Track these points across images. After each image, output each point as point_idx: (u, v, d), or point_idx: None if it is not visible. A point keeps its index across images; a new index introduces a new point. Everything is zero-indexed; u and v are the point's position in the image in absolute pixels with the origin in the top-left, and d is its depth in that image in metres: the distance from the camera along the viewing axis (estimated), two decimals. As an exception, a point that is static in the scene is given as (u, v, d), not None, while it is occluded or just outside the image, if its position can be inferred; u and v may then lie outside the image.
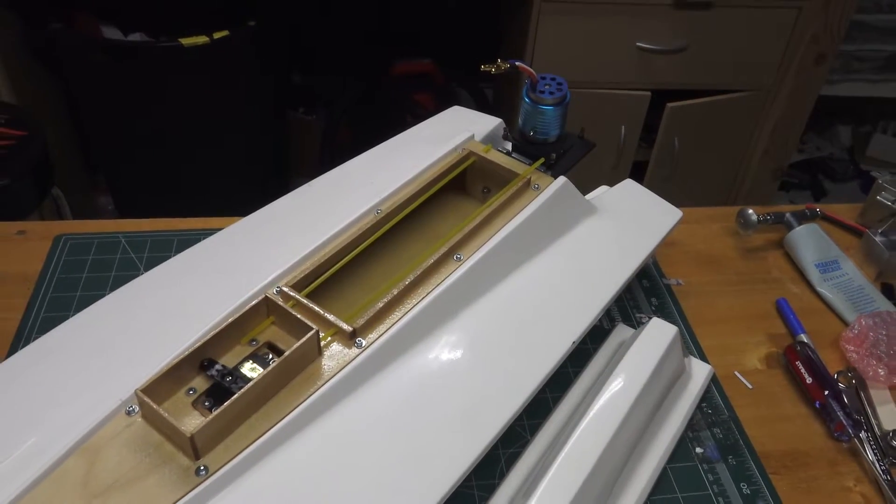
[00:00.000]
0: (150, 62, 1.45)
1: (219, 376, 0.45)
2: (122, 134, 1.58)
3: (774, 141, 1.72)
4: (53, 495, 0.40)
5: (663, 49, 1.53)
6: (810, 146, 2.25)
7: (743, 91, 1.62)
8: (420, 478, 0.45)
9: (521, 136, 0.66)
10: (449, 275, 0.54)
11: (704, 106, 1.61)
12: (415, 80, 1.87)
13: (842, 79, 1.89)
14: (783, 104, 1.65)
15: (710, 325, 0.67)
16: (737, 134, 1.70)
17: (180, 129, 1.57)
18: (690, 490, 0.54)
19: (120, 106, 1.51)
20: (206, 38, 1.43)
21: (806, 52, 1.57)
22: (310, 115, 1.97)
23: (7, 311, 0.63)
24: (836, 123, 2.29)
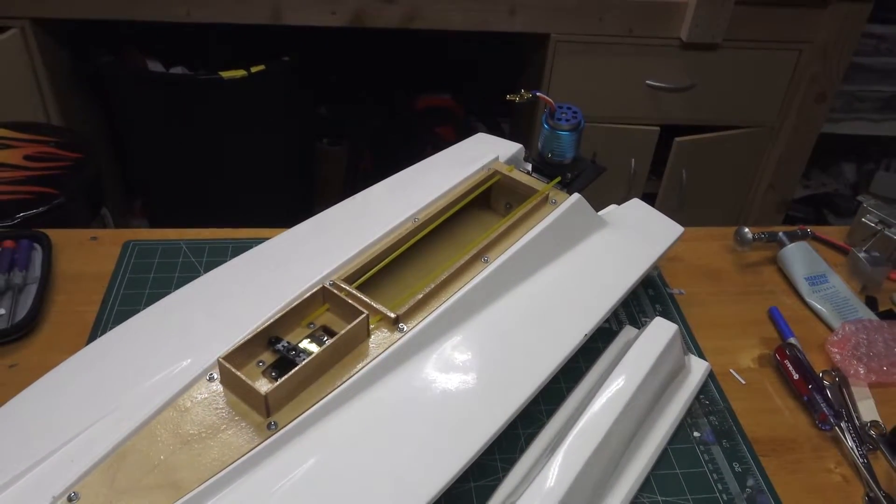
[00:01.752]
0: (192, 93, 1.55)
1: (284, 350, 0.54)
2: (161, 160, 1.68)
3: (778, 176, 1.81)
4: (152, 440, 0.48)
5: (671, 87, 1.62)
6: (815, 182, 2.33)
7: (747, 127, 1.71)
8: (452, 442, 0.52)
9: (540, 159, 0.75)
10: (478, 274, 0.62)
11: (711, 141, 1.70)
12: (436, 114, 1.97)
13: (844, 117, 1.97)
14: (786, 140, 1.74)
15: (709, 330, 0.75)
16: (742, 168, 1.79)
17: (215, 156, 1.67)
18: (688, 467, 0.61)
19: (161, 134, 1.62)
20: (244, 72, 1.54)
21: (807, 91, 1.66)
22: (334, 145, 2.07)
23: (86, 304, 0.72)
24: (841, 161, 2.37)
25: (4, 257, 0.74)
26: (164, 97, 1.56)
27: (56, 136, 1.29)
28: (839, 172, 2.38)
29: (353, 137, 2.07)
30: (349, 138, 2.07)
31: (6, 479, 0.46)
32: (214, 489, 0.46)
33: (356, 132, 2.06)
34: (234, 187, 1.73)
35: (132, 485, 0.46)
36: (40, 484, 0.46)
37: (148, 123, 1.61)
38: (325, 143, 2.08)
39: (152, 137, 1.64)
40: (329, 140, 2.09)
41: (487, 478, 0.59)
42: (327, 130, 2.07)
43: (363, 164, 2.05)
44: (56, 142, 1.27)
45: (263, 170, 1.75)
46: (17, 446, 0.49)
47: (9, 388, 0.61)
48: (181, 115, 1.58)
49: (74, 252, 0.78)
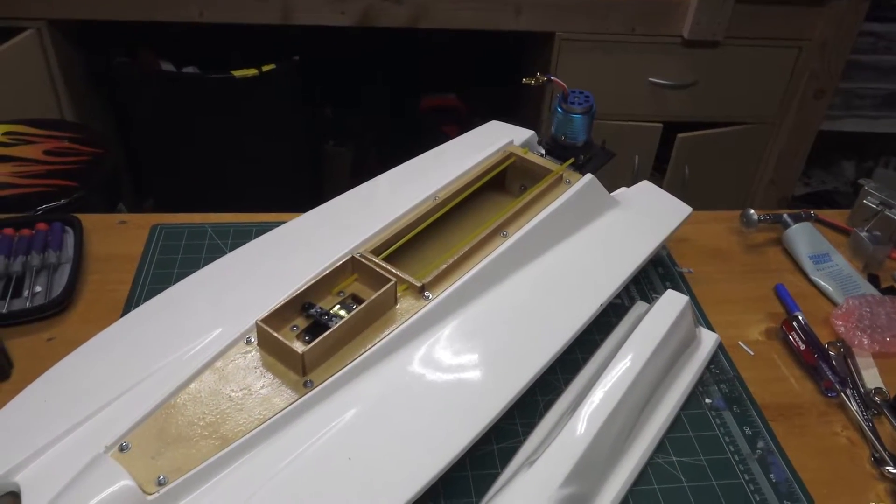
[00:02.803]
0: (204, 93, 1.59)
1: (317, 315, 0.56)
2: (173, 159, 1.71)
3: (779, 171, 1.84)
4: (194, 398, 0.51)
5: (674, 84, 1.65)
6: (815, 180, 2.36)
7: (748, 124, 1.75)
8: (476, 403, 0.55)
9: (553, 142, 0.78)
10: (497, 247, 0.65)
11: (713, 137, 1.73)
12: (441, 114, 2.00)
13: (844, 115, 2.01)
14: (786, 136, 1.77)
15: (717, 305, 0.78)
16: (743, 164, 1.82)
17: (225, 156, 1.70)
18: (701, 431, 0.64)
19: (173, 133, 1.65)
20: (255, 71, 1.57)
21: (806, 87, 1.69)
22: (340, 146, 2.10)
23: (117, 283, 0.75)
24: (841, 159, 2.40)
25: (38, 239, 0.76)
26: (177, 97, 1.59)
27: (74, 133, 1.32)
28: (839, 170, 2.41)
29: (359, 138, 2.10)
30: (354, 139, 2.10)
31: (59, 431, 0.49)
32: (257, 441, 0.49)
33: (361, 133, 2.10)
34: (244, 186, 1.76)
35: (178, 437, 0.48)
36: (92, 436, 0.49)
37: (160, 123, 1.64)
38: (330, 145, 2.12)
39: (164, 137, 1.67)
40: (335, 141, 2.12)
41: (509, 440, 0.62)
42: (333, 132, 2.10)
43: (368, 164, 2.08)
44: (74, 137, 1.30)
45: (272, 170, 1.78)
46: (67, 404, 0.51)
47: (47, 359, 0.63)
48: (193, 114, 1.61)
49: (104, 235, 0.81)
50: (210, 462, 0.47)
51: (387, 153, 2.13)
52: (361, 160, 2.09)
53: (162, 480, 0.46)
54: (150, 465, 0.46)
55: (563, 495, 0.52)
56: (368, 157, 2.09)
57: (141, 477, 0.45)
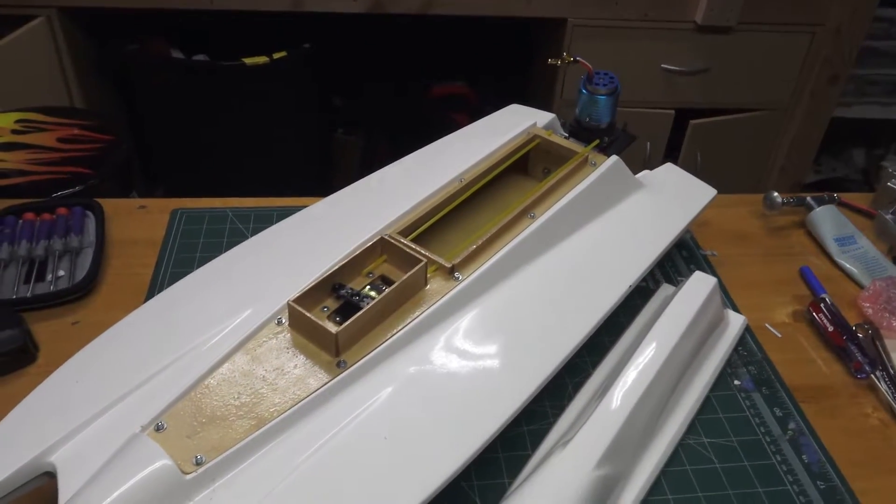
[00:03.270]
0: (215, 80, 1.58)
1: (348, 295, 0.56)
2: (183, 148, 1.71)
3: (791, 158, 1.83)
4: (227, 379, 0.50)
5: (686, 70, 1.64)
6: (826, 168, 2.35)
7: (761, 110, 1.74)
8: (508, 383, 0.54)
9: (577, 124, 0.78)
10: (525, 228, 0.64)
11: (725, 123, 1.72)
12: (451, 102, 1.99)
13: (856, 101, 2.00)
14: (799, 122, 1.76)
15: (742, 289, 0.77)
16: (756, 151, 1.81)
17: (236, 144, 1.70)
18: (731, 412, 0.64)
19: (183, 121, 1.65)
20: (266, 59, 1.56)
21: (820, 73, 1.68)
22: (350, 135, 2.10)
23: (141, 267, 0.74)
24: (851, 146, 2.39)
25: (59, 223, 0.76)
26: (188, 84, 1.59)
27: (86, 120, 1.31)
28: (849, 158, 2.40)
29: (368, 127, 2.09)
30: (364, 128, 2.10)
31: (93, 412, 0.49)
32: (292, 420, 0.48)
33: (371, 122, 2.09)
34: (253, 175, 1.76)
35: (213, 417, 0.48)
36: (126, 416, 0.48)
37: (171, 111, 1.64)
38: (340, 133, 2.11)
39: (175, 125, 1.66)
40: (344, 130, 2.12)
41: (539, 422, 0.61)
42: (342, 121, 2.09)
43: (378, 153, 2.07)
44: (87, 125, 1.29)
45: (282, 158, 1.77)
46: (99, 385, 0.51)
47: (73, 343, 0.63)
48: (204, 102, 1.61)
49: (125, 220, 0.80)
50: (247, 442, 0.47)
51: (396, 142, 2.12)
52: (371, 149, 2.08)
53: (199, 460, 0.45)
54: (186, 444, 0.46)
55: (598, 475, 0.52)
56: (378, 146, 2.08)
57: (178, 456, 0.45)
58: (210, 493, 0.45)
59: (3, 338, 0.63)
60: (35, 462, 0.47)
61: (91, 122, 1.31)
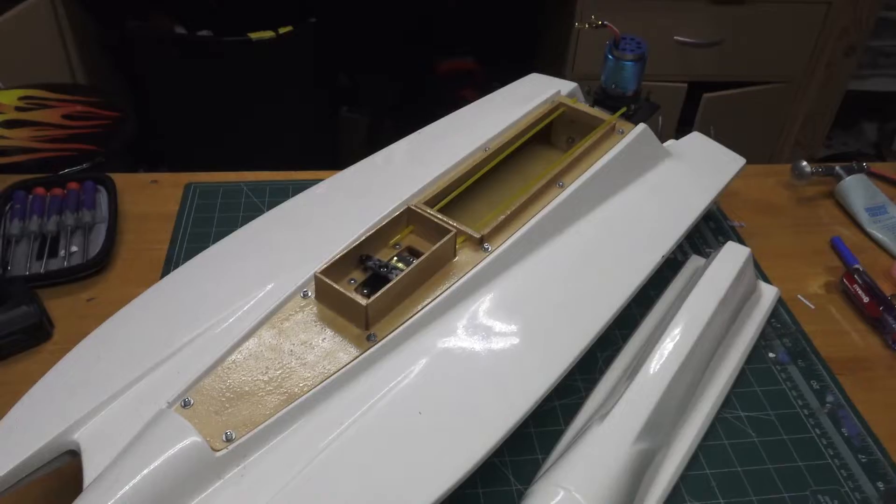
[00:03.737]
0: (221, 56, 1.55)
1: (376, 267, 0.54)
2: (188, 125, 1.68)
3: (805, 132, 1.80)
4: (254, 354, 0.49)
5: (700, 42, 1.61)
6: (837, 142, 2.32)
7: (775, 83, 1.71)
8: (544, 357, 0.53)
9: (602, 91, 0.75)
10: (554, 198, 0.62)
11: (739, 97, 1.69)
12: (459, 78, 1.96)
13: (870, 74, 1.96)
14: (814, 95, 1.73)
15: (772, 260, 0.75)
16: (770, 124, 1.78)
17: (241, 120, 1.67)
18: (767, 385, 0.62)
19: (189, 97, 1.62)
20: (272, 33, 1.53)
21: (836, 44, 1.65)
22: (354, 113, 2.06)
23: (155, 242, 0.72)
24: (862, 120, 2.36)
25: (71, 198, 0.74)
26: (193, 60, 1.55)
27: (91, 97, 1.29)
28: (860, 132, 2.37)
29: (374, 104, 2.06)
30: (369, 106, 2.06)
31: (116, 388, 0.47)
32: (323, 396, 0.47)
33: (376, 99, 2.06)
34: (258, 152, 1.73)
35: (242, 393, 0.46)
36: (150, 393, 0.47)
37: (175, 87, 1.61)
38: (345, 111, 2.08)
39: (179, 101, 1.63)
40: (349, 108, 2.09)
41: (570, 397, 0.60)
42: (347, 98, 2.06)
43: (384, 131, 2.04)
44: (92, 101, 1.27)
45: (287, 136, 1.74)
46: (121, 361, 0.49)
47: (89, 320, 0.62)
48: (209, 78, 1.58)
49: (137, 194, 0.78)
50: (277, 418, 0.45)
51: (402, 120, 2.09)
52: (377, 127, 2.05)
53: (229, 436, 0.44)
54: (215, 421, 0.44)
55: (638, 450, 0.50)
56: (384, 124, 2.05)
57: (207, 433, 0.43)
58: (241, 470, 0.43)
59: (17, 314, 0.61)
60: (58, 440, 0.45)
61: (96, 99, 1.29)
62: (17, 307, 0.61)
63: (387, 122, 2.05)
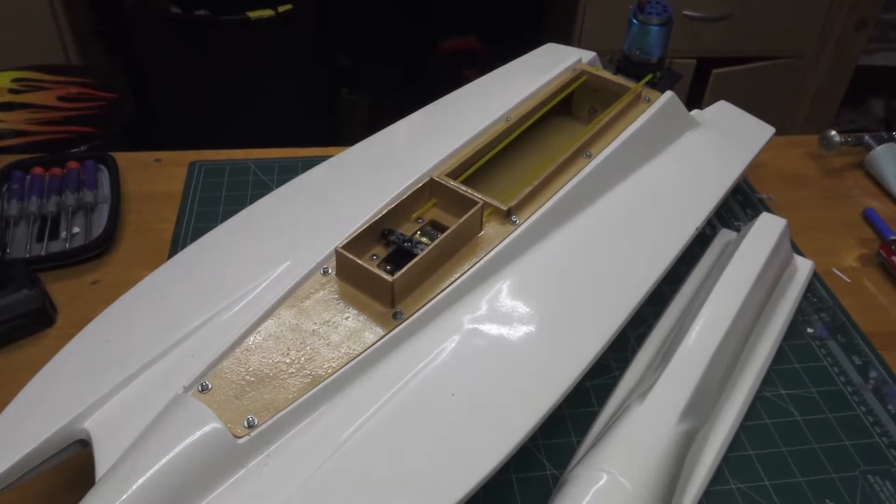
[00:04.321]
0: (219, 35, 1.51)
1: (399, 241, 0.51)
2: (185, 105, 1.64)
3: (815, 108, 1.77)
4: (274, 335, 0.45)
5: (708, 17, 1.57)
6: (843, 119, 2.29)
7: (785, 58, 1.67)
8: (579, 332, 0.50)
9: (625, 59, 0.72)
10: (582, 168, 0.59)
11: (748, 72, 1.65)
12: (461, 57, 1.92)
13: (880, 48, 1.93)
14: (824, 70, 1.70)
15: (804, 233, 0.72)
16: (779, 100, 1.75)
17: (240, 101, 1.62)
18: (807, 362, 0.59)
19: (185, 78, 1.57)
20: (271, 11, 1.49)
21: (847, 17, 1.61)
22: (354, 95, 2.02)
23: (160, 222, 0.69)
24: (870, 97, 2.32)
25: (71, 178, 0.71)
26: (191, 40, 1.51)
27: (87, 78, 1.25)
28: (868, 109, 2.34)
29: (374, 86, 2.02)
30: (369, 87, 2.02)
31: (127, 373, 0.44)
32: (349, 377, 0.44)
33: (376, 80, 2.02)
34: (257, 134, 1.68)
35: (263, 376, 0.43)
36: (164, 377, 0.44)
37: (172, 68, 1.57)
38: (345, 93, 2.04)
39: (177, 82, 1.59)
40: (348, 89, 2.05)
41: (603, 376, 0.57)
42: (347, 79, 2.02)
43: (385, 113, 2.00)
44: (88, 83, 1.23)
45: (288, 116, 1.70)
46: (131, 344, 0.46)
47: (94, 304, 0.59)
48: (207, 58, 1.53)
49: (140, 173, 0.75)
50: (301, 401, 0.42)
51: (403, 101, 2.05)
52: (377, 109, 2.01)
53: (251, 422, 0.41)
54: (235, 405, 0.41)
55: (682, 431, 0.48)
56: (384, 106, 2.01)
57: (228, 418, 0.40)
58: (264, 458, 0.41)
59: (19, 298, 0.57)
60: (67, 429, 0.42)
61: (92, 80, 1.25)
62: (18, 291, 0.58)
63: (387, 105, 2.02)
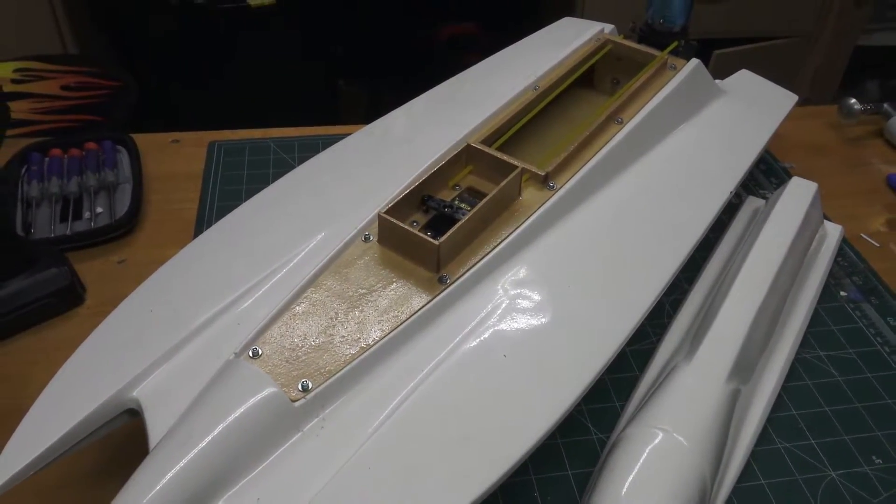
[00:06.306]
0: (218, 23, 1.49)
1: (440, 207, 0.50)
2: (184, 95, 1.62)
3: (815, 88, 1.77)
4: (319, 303, 0.45)
5: (709, -3, 1.57)
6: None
7: (786, 37, 1.67)
8: (622, 295, 0.49)
9: (648, 27, 0.72)
10: (615, 134, 0.58)
11: (750, 52, 1.66)
12: (461, 43, 1.91)
13: (876, 28, 1.94)
14: (824, 49, 1.70)
15: (829, 200, 0.71)
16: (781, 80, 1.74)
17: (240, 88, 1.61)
18: (843, 324, 0.59)
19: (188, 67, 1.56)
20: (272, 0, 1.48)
21: (846, -5, 1.62)
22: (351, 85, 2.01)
23: (183, 202, 0.68)
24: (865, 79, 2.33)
25: (90, 158, 0.70)
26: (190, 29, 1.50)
27: (89, 67, 1.24)
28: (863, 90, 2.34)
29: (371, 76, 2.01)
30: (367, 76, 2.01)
31: (174, 342, 0.43)
32: (398, 342, 0.43)
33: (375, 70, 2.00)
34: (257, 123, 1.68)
35: (312, 342, 0.43)
36: (212, 345, 0.43)
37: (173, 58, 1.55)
38: (342, 84, 2.02)
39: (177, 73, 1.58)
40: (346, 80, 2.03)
41: (641, 342, 0.57)
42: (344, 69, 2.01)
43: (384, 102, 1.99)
44: (91, 71, 1.22)
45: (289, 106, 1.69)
46: (176, 314, 0.45)
47: (121, 282, 0.58)
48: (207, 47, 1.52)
49: (158, 155, 0.74)
50: (354, 366, 0.41)
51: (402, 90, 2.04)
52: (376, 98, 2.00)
53: (306, 385, 0.40)
54: (287, 370, 0.41)
55: (730, 389, 0.47)
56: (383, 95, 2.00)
57: (282, 382, 0.40)
58: (320, 421, 0.40)
59: (47, 277, 0.57)
60: (117, 398, 0.41)
61: (94, 69, 1.24)
62: (45, 269, 0.57)
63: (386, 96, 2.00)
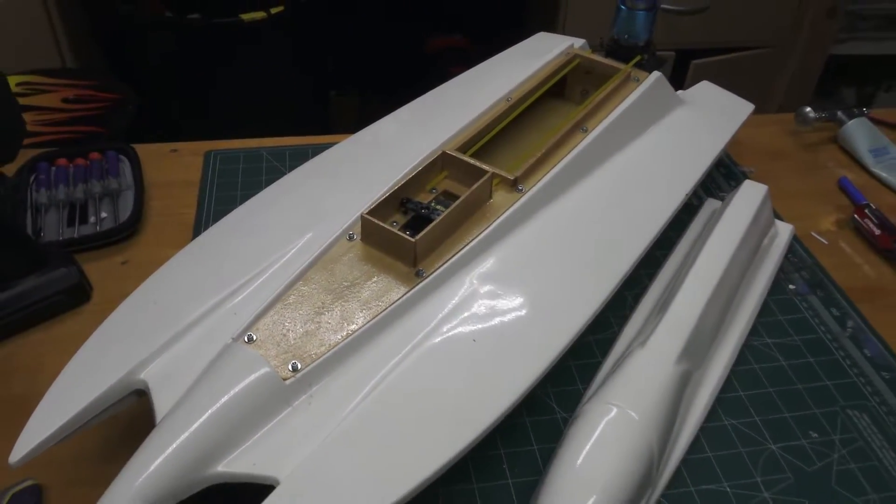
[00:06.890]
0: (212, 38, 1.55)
1: (417, 209, 0.56)
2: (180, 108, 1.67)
3: (789, 97, 1.84)
4: (305, 295, 0.50)
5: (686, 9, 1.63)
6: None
7: (762, 48, 1.74)
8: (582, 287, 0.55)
9: (614, 43, 0.77)
10: (580, 142, 0.64)
11: (727, 62, 1.72)
12: (448, 55, 1.97)
13: (847, 37, 2.00)
14: (798, 59, 1.76)
15: (784, 201, 0.78)
16: (757, 89, 1.81)
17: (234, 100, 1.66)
18: (790, 314, 0.65)
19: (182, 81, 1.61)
20: (263, 14, 1.53)
21: (818, 6, 1.68)
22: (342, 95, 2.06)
23: (182, 207, 0.73)
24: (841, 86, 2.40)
25: (95, 167, 0.75)
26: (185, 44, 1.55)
27: (89, 80, 1.28)
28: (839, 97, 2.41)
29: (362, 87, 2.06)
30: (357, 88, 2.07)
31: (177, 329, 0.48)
32: (378, 329, 0.48)
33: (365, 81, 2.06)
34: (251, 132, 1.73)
35: (301, 329, 0.48)
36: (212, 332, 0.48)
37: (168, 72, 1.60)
38: (333, 95, 2.07)
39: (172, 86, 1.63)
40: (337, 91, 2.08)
41: (604, 332, 0.62)
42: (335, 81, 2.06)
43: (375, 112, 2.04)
44: (91, 84, 1.27)
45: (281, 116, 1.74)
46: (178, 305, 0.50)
47: (124, 281, 0.63)
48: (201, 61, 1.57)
49: (158, 163, 0.79)
50: (339, 349, 0.46)
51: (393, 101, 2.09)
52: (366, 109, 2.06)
53: (295, 366, 0.45)
54: (278, 353, 0.46)
55: (679, 371, 0.53)
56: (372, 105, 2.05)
57: (274, 364, 0.45)
58: (308, 397, 0.45)
59: (57, 276, 0.62)
60: (126, 380, 0.46)
61: (93, 82, 1.29)
62: (55, 269, 0.62)
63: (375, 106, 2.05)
